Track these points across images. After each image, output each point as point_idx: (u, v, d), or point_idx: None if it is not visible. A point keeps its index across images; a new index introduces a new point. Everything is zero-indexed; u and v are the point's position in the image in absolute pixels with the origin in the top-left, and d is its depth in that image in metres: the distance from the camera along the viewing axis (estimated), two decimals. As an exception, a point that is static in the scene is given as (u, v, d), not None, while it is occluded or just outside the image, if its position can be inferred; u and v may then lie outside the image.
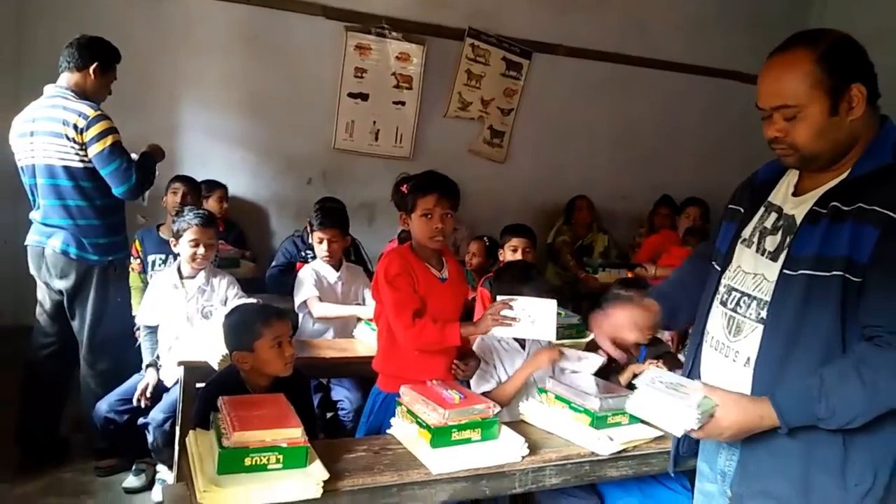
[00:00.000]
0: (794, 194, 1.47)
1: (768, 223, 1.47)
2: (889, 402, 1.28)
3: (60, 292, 2.94)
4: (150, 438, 2.73)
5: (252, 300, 2.86)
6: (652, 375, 1.50)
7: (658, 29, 5.42)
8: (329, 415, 3.12)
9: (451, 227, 2.22)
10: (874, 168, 1.34)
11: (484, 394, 2.21)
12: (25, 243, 2.97)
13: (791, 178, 1.50)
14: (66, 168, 2.83)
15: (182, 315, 2.84)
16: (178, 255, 2.95)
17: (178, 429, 2.56)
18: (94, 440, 3.01)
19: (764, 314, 1.40)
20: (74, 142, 2.80)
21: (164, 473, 2.80)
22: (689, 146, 5.59)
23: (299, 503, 1.62)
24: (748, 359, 1.42)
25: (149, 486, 2.88)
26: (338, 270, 3.29)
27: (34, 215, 2.96)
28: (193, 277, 2.91)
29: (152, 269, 3.37)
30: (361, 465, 1.79)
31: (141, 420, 2.78)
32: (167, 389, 2.82)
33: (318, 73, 4.66)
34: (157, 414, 2.71)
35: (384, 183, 4.97)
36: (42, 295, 3.01)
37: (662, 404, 1.41)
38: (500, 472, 1.90)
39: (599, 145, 5.44)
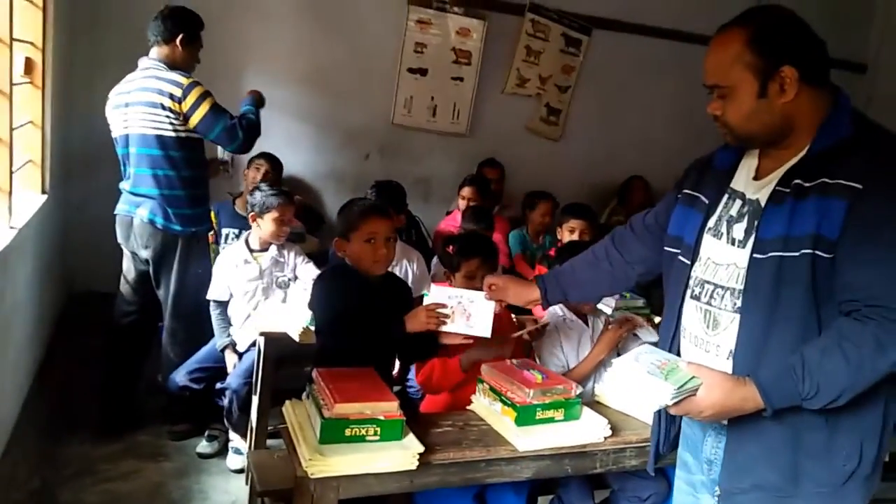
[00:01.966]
0: (756, 178, 1.45)
1: (733, 211, 1.45)
2: (872, 376, 1.26)
3: (146, 262, 3.02)
4: (225, 404, 2.82)
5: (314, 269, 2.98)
6: (637, 352, 1.48)
7: (722, 5, 5.24)
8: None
9: None
10: (833, 142, 1.33)
11: None
12: (115, 213, 3.06)
13: (750, 162, 1.48)
14: (159, 137, 2.91)
15: (257, 287, 2.91)
16: (249, 229, 3.02)
17: (255, 398, 2.65)
18: (168, 405, 3.12)
19: (739, 303, 1.38)
20: (171, 111, 2.88)
21: (238, 442, 2.88)
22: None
23: (397, 474, 1.68)
24: (730, 351, 1.40)
25: (220, 452, 2.98)
26: None
27: (124, 185, 3.04)
28: (265, 251, 2.98)
29: (225, 242, 3.45)
30: (450, 440, 1.84)
31: (218, 385, 2.87)
32: (240, 355, 2.91)
33: (380, 47, 4.66)
34: (234, 380, 2.79)
35: (441, 159, 5.00)
36: (127, 265, 3.10)
37: (639, 380, 1.38)
38: (583, 452, 1.93)
39: (657, 126, 5.34)
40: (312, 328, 2.38)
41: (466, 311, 1.98)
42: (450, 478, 1.79)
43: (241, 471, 2.83)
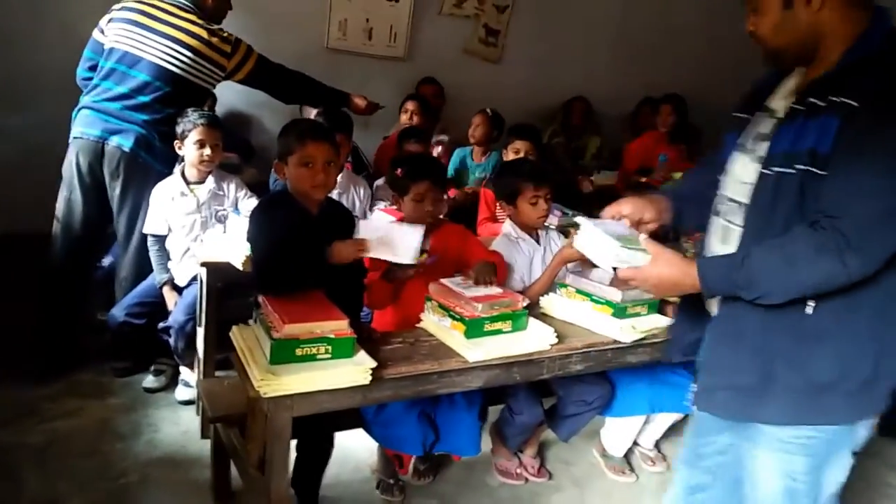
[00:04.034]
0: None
1: (762, 128, 1.47)
2: (806, 280, 1.29)
3: (103, 191, 2.89)
4: (171, 342, 2.77)
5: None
6: (607, 223, 1.60)
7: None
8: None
9: (441, 209, 2.40)
10: (856, 59, 1.32)
11: None
12: (75, 136, 2.87)
13: (790, 80, 1.49)
14: (178, 77, 2.88)
15: (195, 221, 2.82)
16: (182, 160, 2.90)
17: (200, 329, 2.61)
18: (108, 343, 3.04)
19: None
20: (210, 61, 2.95)
21: (186, 374, 2.85)
22: (687, 44, 5.41)
23: (349, 389, 1.69)
24: None
25: (167, 386, 2.94)
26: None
27: (93, 102, 2.87)
28: (201, 183, 2.87)
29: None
30: (401, 356, 1.86)
31: (161, 324, 2.80)
32: (180, 291, 2.85)
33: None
34: (178, 316, 2.73)
35: (378, 84, 4.84)
36: (70, 196, 2.90)
37: (596, 238, 1.54)
38: (530, 360, 1.98)
39: (598, 46, 5.29)
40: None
41: (393, 238, 2.01)
42: (402, 391, 1.82)
43: (189, 402, 2.81)
